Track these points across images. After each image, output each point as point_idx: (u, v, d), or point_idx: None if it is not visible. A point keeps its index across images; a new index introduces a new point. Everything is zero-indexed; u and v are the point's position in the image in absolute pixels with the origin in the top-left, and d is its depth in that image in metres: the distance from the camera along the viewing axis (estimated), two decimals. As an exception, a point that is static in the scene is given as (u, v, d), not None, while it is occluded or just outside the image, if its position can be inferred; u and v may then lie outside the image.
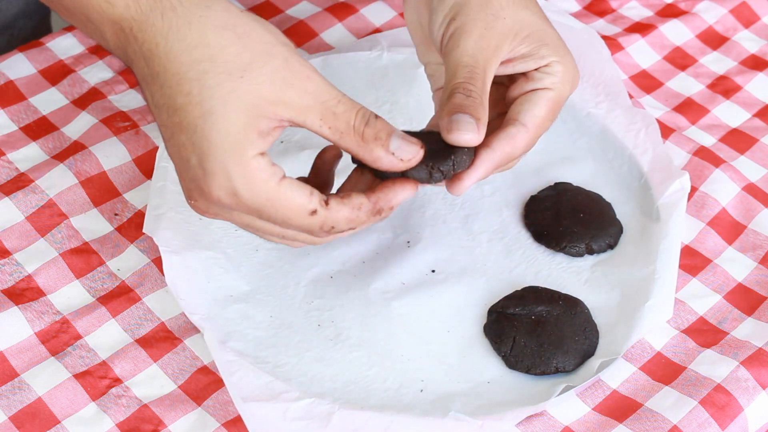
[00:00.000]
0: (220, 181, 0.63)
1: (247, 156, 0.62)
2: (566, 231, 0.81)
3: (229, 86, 0.62)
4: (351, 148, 0.65)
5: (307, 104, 0.63)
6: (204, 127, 0.62)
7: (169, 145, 0.65)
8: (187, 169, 0.64)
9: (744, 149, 0.89)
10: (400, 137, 0.65)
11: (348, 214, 0.66)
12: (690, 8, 1.00)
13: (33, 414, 0.71)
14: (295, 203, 0.64)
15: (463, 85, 0.68)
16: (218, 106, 0.62)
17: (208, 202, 0.65)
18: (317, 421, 0.70)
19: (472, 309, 0.77)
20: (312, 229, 0.65)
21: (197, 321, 0.74)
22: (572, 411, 0.73)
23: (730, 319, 0.78)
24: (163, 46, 0.63)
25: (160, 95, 0.64)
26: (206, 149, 0.62)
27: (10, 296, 0.77)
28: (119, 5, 0.64)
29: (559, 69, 0.71)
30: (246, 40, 0.63)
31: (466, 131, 0.67)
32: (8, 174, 0.84)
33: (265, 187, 0.63)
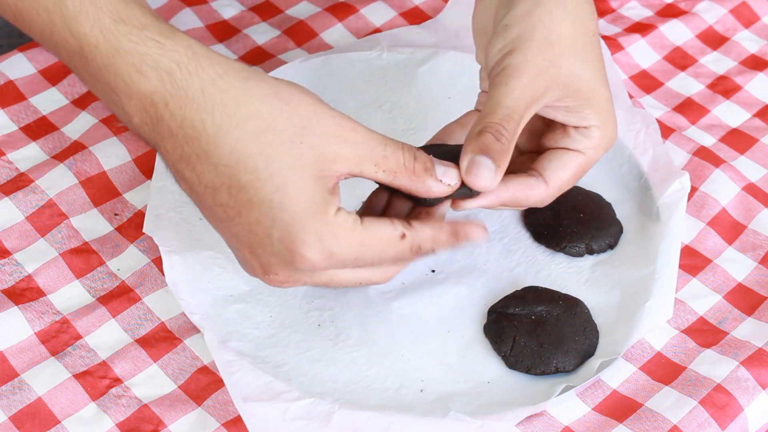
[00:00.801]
0: (314, 247, 0.63)
1: (330, 215, 0.63)
2: (566, 231, 0.81)
3: (294, 154, 0.62)
4: (404, 184, 0.66)
5: (361, 155, 0.64)
6: (282, 201, 0.62)
7: (231, 225, 0.64)
8: (267, 245, 0.64)
9: (744, 149, 0.89)
10: (441, 164, 0.67)
11: (431, 233, 0.67)
12: (690, 8, 1.00)
13: (33, 414, 0.71)
14: (385, 235, 0.65)
15: (496, 126, 0.68)
16: (290, 176, 0.62)
17: (294, 271, 0.65)
18: (317, 421, 0.70)
19: (472, 309, 0.77)
20: (404, 254, 0.66)
21: (197, 321, 0.74)
22: (572, 411, 0.73)
23: (730, 319, 0.78)
24: (210, 123, 0.62)
25: (213, 174, 0.62)
26: (290, 221, 0.62)
27: (10, 296, 0.77)
28: (152, 77, 0.62)
29: (597, 135, 0.71)
30: (292, 106, 0.63)
31: (483, 179, 0.67)
32: (8, 174, 0.84)
33: (354, 234, 0.64)
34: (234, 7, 0.99)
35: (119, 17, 0.63)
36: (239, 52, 0.95)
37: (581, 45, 0.71)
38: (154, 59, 0.62)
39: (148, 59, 0.62)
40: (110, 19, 0.62)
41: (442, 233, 0.68)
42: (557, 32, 0.70)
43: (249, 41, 0.96)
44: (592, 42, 0.72)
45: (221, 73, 0.62)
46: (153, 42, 0.62)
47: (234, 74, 0.63)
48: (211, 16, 0.98)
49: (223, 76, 0.62)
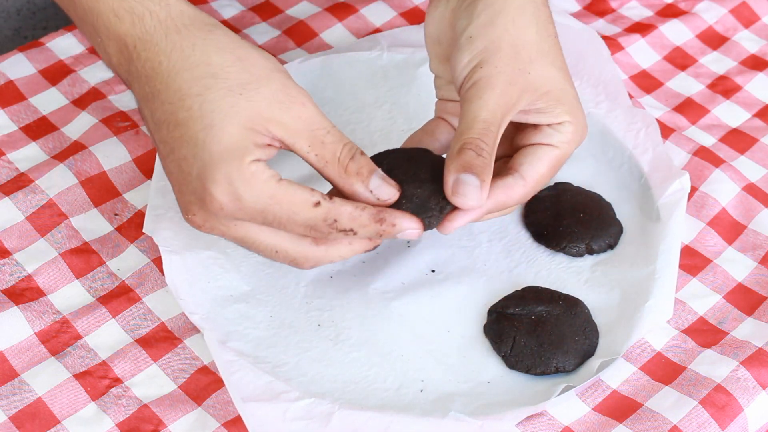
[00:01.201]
0: (222, 187, 0.65)
1: (245, 161, 0.64)
2: (566, 231, 0.81)
3: (229, 101, 0.65)
4: (332, 177, 0.67)
5: (298, 128, 0.66)
6: (205, 140, 0.65)
7: (168, 161, 0.67)
8: (188, 182, 0.66)
9: (744, 149, 0.89)
10: (381, 177, 0.67)
11: (351, 210, 0.66)
12: (690, 8, 1.00)
13: (33, 414, 0.71)
14: (298, 196, 0.66)
15: (476, 141, 0.68)
16: (218, 119, 0.64)
17: (208, 213, 0.66)
18: (317, 421, 0.70)
19: (472, 309, 0.77)
20: (316, 223, 0.66)
21: (197, 321, 0.74)
22: (572, 411, 0.73)
23: (730, 319, 0.78)
24: (165, 64, 0.66)
25: (161, 112, 0.66)
26: (208, 160, 0.65)
27: (10, 296, 0.77)
28: (126, 21, 0.67)
29: (569, 129, 0.72)
30: (246, 63, 0.66)
31: (471, 198, 0.68)
32: (8, 174, 0.84)
33: (266, 186, 0.65)
34: (234, 7, 0.99)
35: None
36: (239, 52, 0.95)
37: (546, 49, 0.72)
38: (130, 5, 0.67)
39: (125, 4, 0.67)
40: None
41: (363, 214, 0.67)
42: (523, 39, 0.71)
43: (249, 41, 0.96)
44: (554, 44, 0.73)
45: (187, 23, 0.67)
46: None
47: (199, 26, 0.67)
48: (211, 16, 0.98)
49: (188, 26, 0.67)
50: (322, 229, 0.67)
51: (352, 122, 0.89)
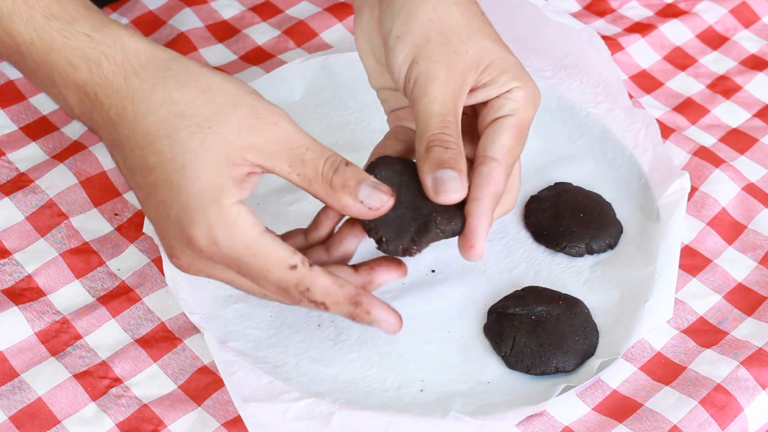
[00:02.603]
0: (200, 230, 0.62)
1: (224, 203, 0.62)
2: (566, 231, 0.81)
3: (198, 137, 0.62)
4: (320, 195, 0.64)
5: (275, 150, 0.63)
6: (180, 182, 0.62)
7: (146, 206, 0.65)
8: (168, 225, 0.64)
9: (744, 149, 0.89)
10: (371, 185, 0.64)
11: (327, 284, 0.64)
12: (690, 8, 1.00)
13: (33, 414, 0.71)
14: (276, 255, 0.63)
15: (438, 137, 0.67)
16: (190, 159, 0.62)
17: (192, 255, 0.64)
18: (317, 422, 0.70)
19: (472, 309, 0.77)
20: (287, 286, 0.64)
21: (197, 321, 0.74)
22: (572, 411, 0.73)
23: (730, 319, 0.78)
24: (130, 109, 0.64)
25: (132, 158, 0.64)
26: (185, 202, 0.62)
27: (10, 296, 0.77)
28: (82, 69, 0.64)
29: (519, 95, 0.70)
30: (210, 93, 0.64)
31: (454, 191, 0.66)
32: (8, 174, 0.84)
33: (245, 235, 0.63)
34: (234, 7, 0.99)
35: (51, 14, 0.65)
36: (239, 52, 0.95)
37: (476, 27, 0.70)
38: (84, 52, 0.65)
39: (79, 52, 0.65)
40: (43, 17, 0.65)
41: (339, 291, 0.64)
42: (449, 24, 0.70)
43: (249, 41, 0.96)
44: (483, 21, 0.71)
45: (144, 64, 0.64)
46: (83, 36, 0.65)
47: (157, 63, 0.65)
48: (211, 16, 0.98)
49: (145, 66, 0.64)
50: (293, 294, 0.64)
51: (352, 122, 0.89)
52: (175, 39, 0.95)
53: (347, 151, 0.77)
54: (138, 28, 0.96)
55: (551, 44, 0.91)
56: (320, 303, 0.64)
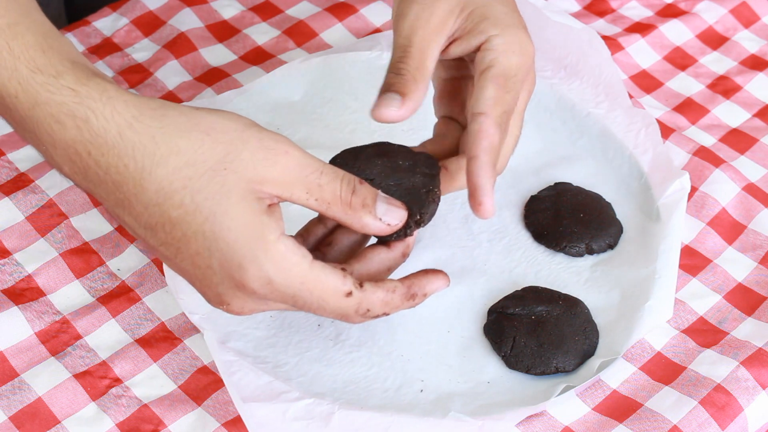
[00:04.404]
0: (252, 273, 0.62)
1: (270, 240, 0.62)
2: (566, 231, 0.81)
3: (217, 182, 0.61)
4: (338, 217, 0.64)
5: (290, 179, 0.62)
6: (213, 230, 0.61)
7: (177, 260, 0.63)
8: (211, 275, 0.63)
9: (744, 149, 0.89)
10: (385, 201, 0.65)
11: (383, 297, 0.65)
12: (690, 8, 1.00)
13: (33, 414, 0.71)
14: (330, 285, 0.63)
15: (394, 65, 0.68)
16: (216, 205, 0.61)
17: (244, 298, 0.63)
18: (317, 421, 0.70)
19: (472, 309, 0.77)
20: (347, 313, 0.64)
21: (197, 321, 0.74)
22: (572, 411, 0.73)
23: (730, 319, 0.78)
24: (133, 166, 0.61)
25: (147, 215, 0.62)
26: (225, 249, 0.61)
27: (10, 296, 0.77)
28: (70, 126, 0.61)
29: (497, 42, 0.69)
30: (214, 135, 0.62)
31: (388, 107, 0.67)
32: (8, 174, 0.84)
33: (297, 269, 0.62)
34: (234, 7, 0.99)
35: (36, 67, 0.62)
36: (239, 52, 0.95)
37: None
38: (70, 108, 0.61)
39: (64, 108, 0.61)
40: (27, 69, 0.62)
41: (395, 297, 0.65)
42: None
43: (249, 41, 0.96)
44: None
45: (136, 115, 0.62)
46: (68, 90, 0.62)
47: (149, 114, 0.62)
48: (211, 16, 0.98)
49: (138, 117, 0.62)
50: (354, 319, 0.65)
51: (352, 122, 0.89)
52: (175, 39, 0.95)
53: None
54: (138, 28, 0.96)
55: (551, 44, 0.91)
56: (381, 314, 0.65)
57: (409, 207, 0.67)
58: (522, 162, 0.86)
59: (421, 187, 0.68)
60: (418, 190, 0.67)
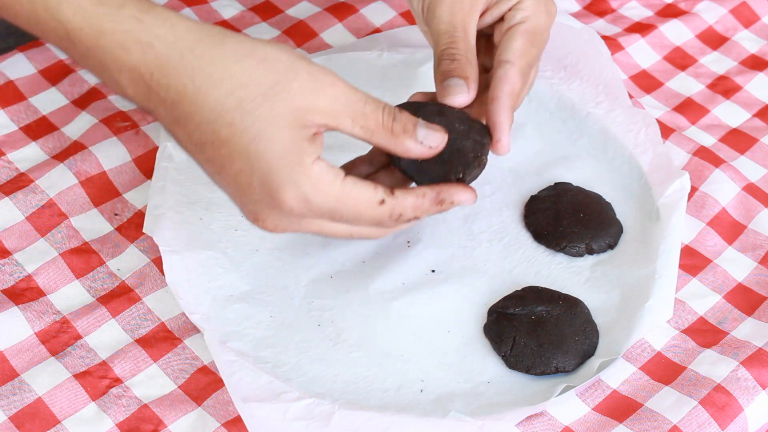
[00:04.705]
0: (290, 193, 0.66)
1: (307, 163, 0.66)
2: (566, 231, 0.81)
3: (267, 106, 0.65)
4: (382, 143, 0.68)
5: (338, 109, 0.66)
6: (258, 150, 0.65)
7: (221, 177, 0.68)
8: (251, 193, 0.67)
9: (744, 149, 0.89)
10: (425, 126, 0.69)
11: (414, 202, 0.70)
12: (690, 8, 1.00)
13: (33, 414, 0.71)
14: (364, 197, 0.68)
15: (446, 51, 0.74)
16: (264, 127, 0.65)
17: (280, 216, 0.68)
18: (317, 422, 0.70)
19: (472, 309, 0.77)
20: (382, 219, 0.69)
21: (197, 321, 0.74)
22: (572, 411, 0.73)
23: (730, 319, 0.78)
24: (191, 86, 0.65)
25: (198, 133, 0.66)
26: (267, 169, 0.66)
27: (10, 296, 0.77)
28: (135, 51, 0.65)
29: (529, 3, 0.75)
30: (267, 63, 0.66)
31: (458, 94, 0.73)
32: (8, 174, 0.84)
33: (332, 188, 0.67)
34: (234, 7, 0.99)
35: (98, 0, 0.66)
36: (239, 52, 0.95)
37: None
38: (135, 35, 0.65)
39: (130, 36, 0.65)
40: (90, 3, 0.66)
41: (425, 201, 0.70)
42: None
43: (250, 41, 0.96)
44: None
45: (197, 40, 0.66)
46: (133, 19, 0.65)
47: (209, 39, 0.66)
48: (211, 16, 0.98)
49: (198, 42, 0.66)
50: (388, 224, 0.70)
51: (352, 122, 0.89)
52: (175, 39, 0.94)
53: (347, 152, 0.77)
54: (138, 28, 0.96)
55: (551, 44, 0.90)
56: (413, 218, 0.70)
57: (454, 163, 0.71)
58: (522, 162, 0.86)
59: (470, 151, 0.71)
60: (466, 153, 0.71)
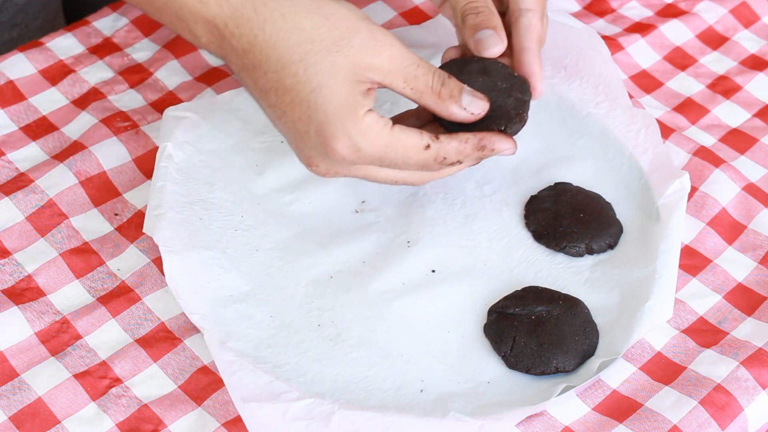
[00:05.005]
0: (343, 142, 0.71)
1: (359, 115, 0.71)
2: (566, 231, 0.81)
3: (329, 60, 0.71)
4: (429, 105, 0.74)
5: (392, 69, 0.72)
6: (317, 101, 0.71)
7: (281, 123, 0.73)
8: (307, 139, 0.72)
9: (744, 149, 0.89)
10: (470, 93, 0.74)
11: (457, 146, 0.74)
12: (690, 8, 1.00)
13: (33, 414, 0.71)
14: (410, 142, 0.73)
15: (468, 6, 0.78)
16: (324, 79, 0.71)
17: (331, 163, 0.73)
18: (317, 422, 0.70)
19: (472, 309, 0.77)
20: (427, 163, 0.74)
21: (197, 321, 0.74)
22: (572, 411, 0.73)
23: (730, 319, 0.78)
24: (261, 37, 0.71)
25: (264, 80, 0.72)
26: (323, 118, 0.71)
27: (10, 296, 0.77)
28: (212, 5, 0.72)
29: None
30: (332, 20, 0.72)
31: (493, 45, 0.77)
32: (8, 174, 0.84)
33: (381, 136, 0.72)
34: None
35: None
36: (239, 52, 0.95)
37: None
38: None
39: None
40: None
41: (467, 146, 0.75)
42: None
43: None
44: None
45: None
46: None
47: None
48: (211, 16, 0.98)
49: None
50: (433, 168, 0.75)
51: (352, 122, 0.89)
52: (175, 39, 0.95)
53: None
54: (138, 28, 0.96)
55: (551, 44, 0.91)
56: (456, 162, 0.75)
57: (496, 120, 0.75)
58: (522, 162, 0.86)
59: (512, 109, 0.75)
60: (508, 110, 0.75)
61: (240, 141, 0.86)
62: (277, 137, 0.86)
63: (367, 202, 0.83)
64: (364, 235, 0.81)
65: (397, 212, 0.83)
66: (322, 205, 0.83)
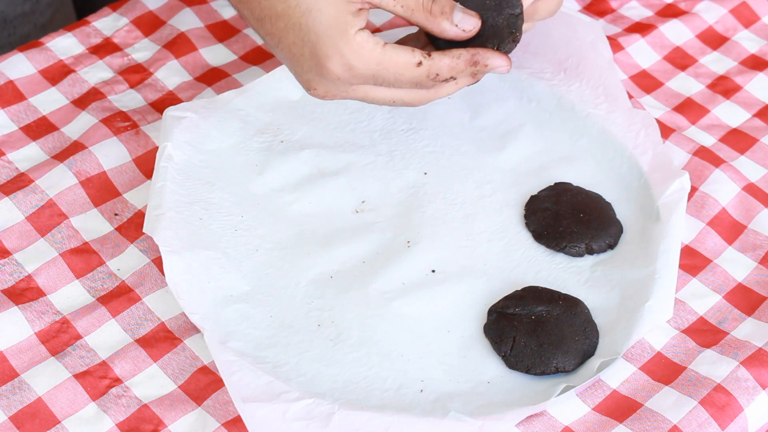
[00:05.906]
0: (335, 61, 0.73)
1: (350, 34, 0.73)
2: (566, 231, 0.81)
3: None
4: (420, 22, 0.75)
5: None
6: (308, 23, 0.73)
7: (279, 49, 0.76)
8: (302, 62, 0.75)
9: (744, 149, 0.89)
10: (461, 11, 0.75)
11: (449, 62, 0.75)
12: (690, 8, 1.00)
13: (33, 414, 0.71)
14: (402, 59, 0.74)
15: None
16: (313, 2, 0.73)
17: (328, 84, 0.75)
18: (317, 422, 0.70)
19: (472, 309, 0.77)
20: (420, 80, 0.75)
21: (197, 321, 0.74)
22: (572, 411, 0.73)
23: (730, 319, 0.78)
24: None
25: (259, 9, 0.75)
26: (315, 40, 0.73)
27: (10, 296, 0.77)
28: None
29: None
30: None
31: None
32: (8, 174, 0.84)
33: (373, 54, 0.73)
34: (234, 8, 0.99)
35: None
36: (239, 52, 0.95)
37: None
38: None
39: None
40: None
41: (460, 61, 0.75)
42: None
43: (249, 41, 0.96)
44: None
45: None
46: None
47: None
48: (211, 16, 0.98)
49: None
50: (427, 84, 0.75)
51: (352, 122, 0.89)
52: (175, 39, 0.95)
53: (347, 151, 0.78)
54: (138, 28, 0.96)
55: (552, 46, 0.91)
56: (449, 79, 0.75)
57: (490, 40, 0.76)
58: (522, 162, 0.86)
59: (505, 27, 0.76)
60: (501, 29, 0.76)
61: (240, 141, 0.86)
62: (277, 137, 0.86)
63: (367, 202, 0.83)
64: (364, 235, 0.81)
65: (397, 212, 0.83)
66: (322, 205, 0.83)
